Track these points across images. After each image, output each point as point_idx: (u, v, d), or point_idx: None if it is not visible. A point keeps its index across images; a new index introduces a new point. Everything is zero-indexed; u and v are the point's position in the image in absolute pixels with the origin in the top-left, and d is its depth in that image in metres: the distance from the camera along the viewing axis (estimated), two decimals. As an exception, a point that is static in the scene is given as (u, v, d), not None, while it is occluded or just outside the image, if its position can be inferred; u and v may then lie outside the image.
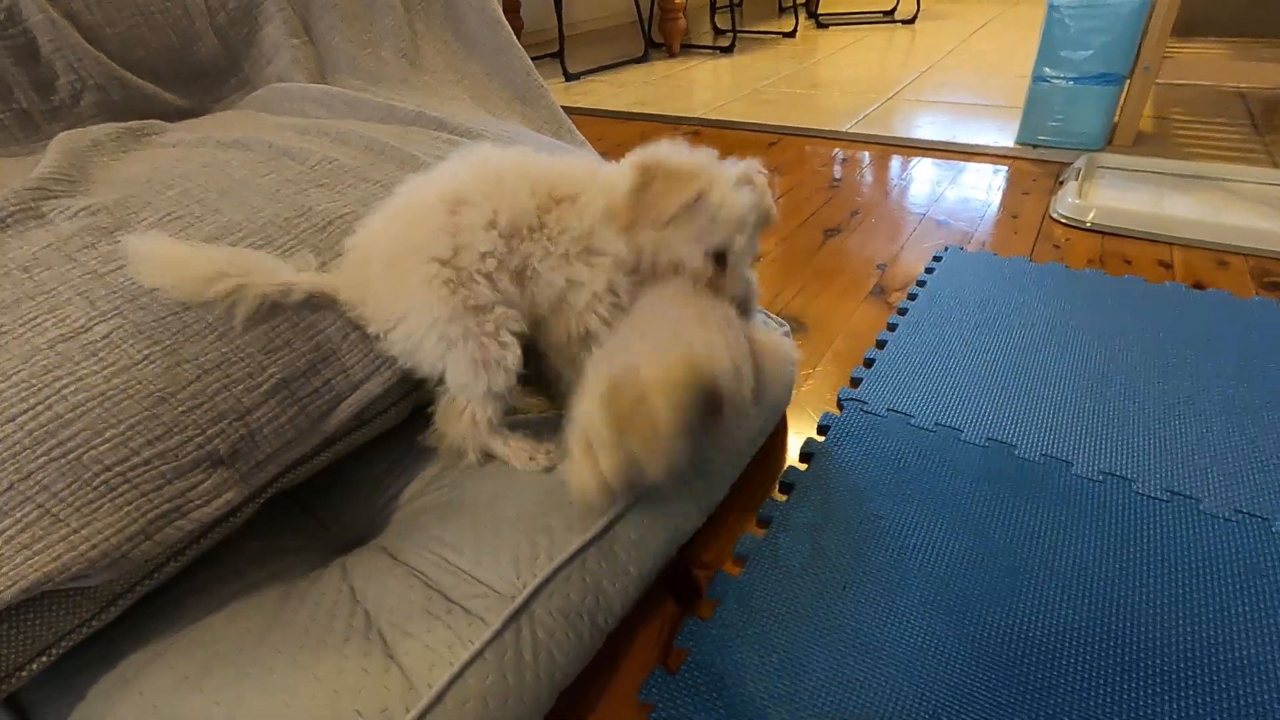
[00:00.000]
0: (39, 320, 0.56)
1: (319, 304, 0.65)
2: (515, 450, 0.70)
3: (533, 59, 3.66)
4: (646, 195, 0.66)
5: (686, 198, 0.66)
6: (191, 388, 0.57)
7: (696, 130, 2.38)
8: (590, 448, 0.61)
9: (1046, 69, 1.79)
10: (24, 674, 0.49)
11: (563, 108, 2.62)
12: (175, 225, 0.68)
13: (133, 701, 0.50)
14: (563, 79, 3.12)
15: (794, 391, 0.98)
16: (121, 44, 0.92)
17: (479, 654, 0.54)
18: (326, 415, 0.65)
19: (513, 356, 0.66)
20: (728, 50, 3.43)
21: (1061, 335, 1.10)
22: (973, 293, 1.23)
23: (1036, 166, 1.83)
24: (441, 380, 0.67)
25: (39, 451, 0.50)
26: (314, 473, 0.66)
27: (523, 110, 1.27)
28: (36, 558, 0.47)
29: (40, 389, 0.52)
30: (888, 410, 0.96)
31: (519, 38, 3.82)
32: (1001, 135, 2.01)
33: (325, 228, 0.73)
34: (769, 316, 0.97)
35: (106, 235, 0.65)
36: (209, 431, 0.57)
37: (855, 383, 1.04)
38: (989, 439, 0.91)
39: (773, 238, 1.53)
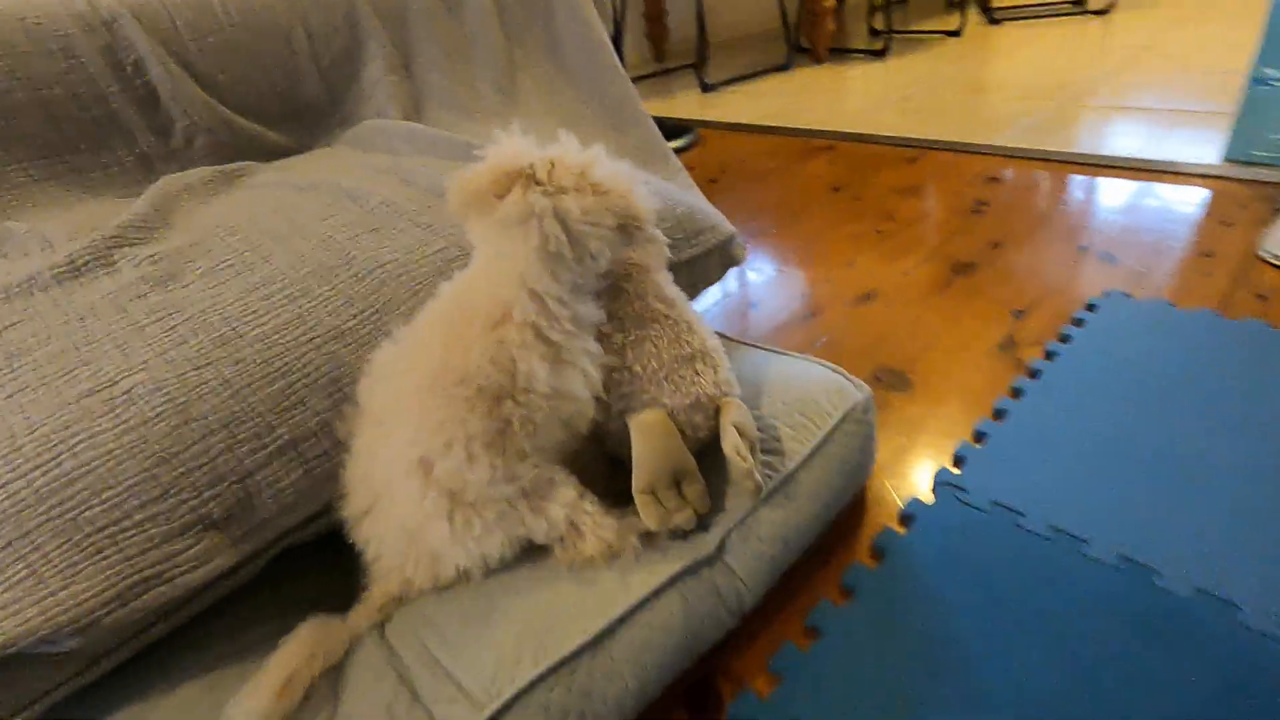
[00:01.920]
0: (76, 371, 0.59)
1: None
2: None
3: (675, 69, 3.64)
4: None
5: None
6: (195, 448, 0.57)
7: (830, 144, 2.21)
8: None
9: (1269, 69, 1.45)
10: (12, 723, 0.51)
11: (696, 121, 2.53)
12: (226, 273, 0.70)
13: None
14: (699, 90, 3.05)
15: (872, 465, 0.84)
16: (232, 89, 0.98)
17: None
18: (334, 476, 0.63)
19: None
20: (880, 54, 3.19)
21: (1253, 425, 0.86)
22: (1132, 353, 1.01)
23: (1247, 190, 1.49)
24: None
25: (40, 510, 0.52)
26: (325, 532, 0.65)
27: (615, 139, 1.22)
28: (7, 620, 0.49)
29: (56, 444, 0.54)
30: (992, 504, 0.80)
31: (664, 46, 3.84)
32: (1203, 149, 1.66)
33: (364, 278, 0.72)
34: (845, 377, 0.84)
35: (159, 285, 0.68)
36: (205, 494, 0.57)
37: (959, 461, 0.88)
38: (1124, 558, 0.72)
39: (887, 272, 1.36)
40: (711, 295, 1.38)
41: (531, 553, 0.64)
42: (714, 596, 0.65)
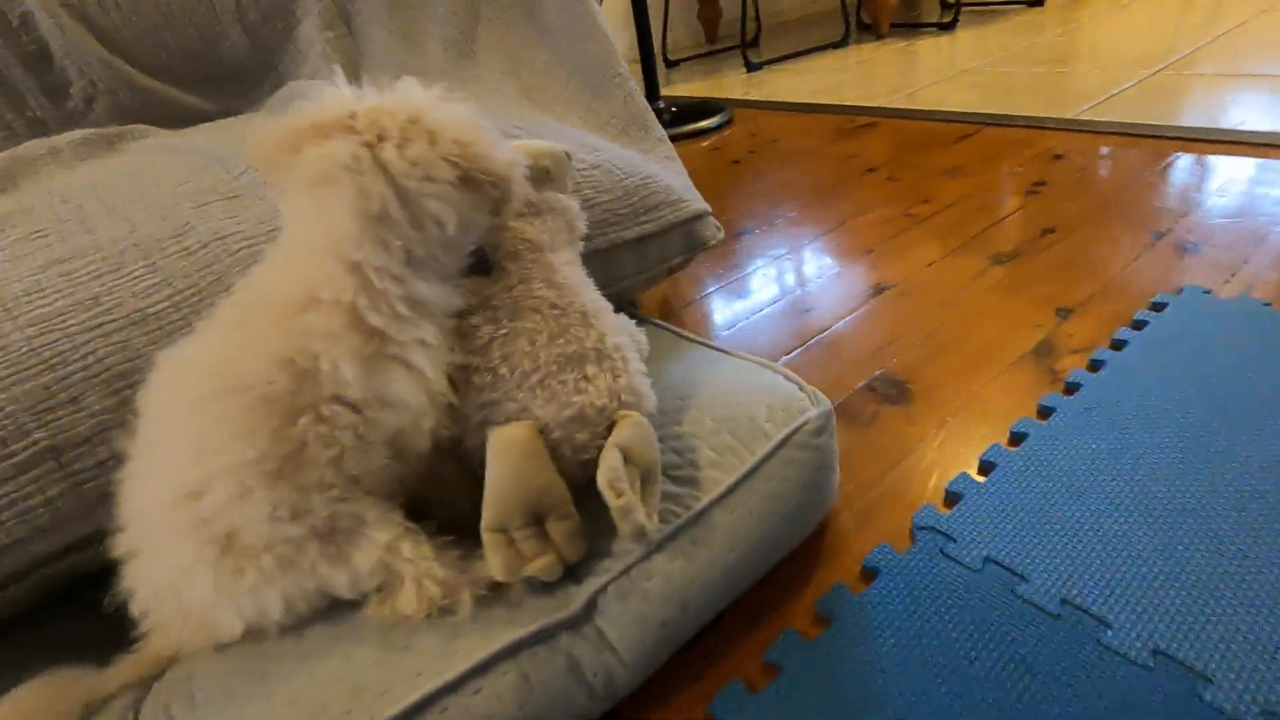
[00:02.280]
0: None
1: None
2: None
3: (725, 49, 3.45)
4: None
5: None
6: (-88, 453, 0.46)
7: (873, 121, 1.99)
8: None
9: None
10: None
11: (735, 101, 2.34)
12: (35, 244, 0.59)
13: None
14: (744, 71, 2.85)
15: (828, 502, 0.66)
16: (140, 47, 0.89)
17: None
18: (110, 496, 0.51)
19: None
20: (948, 27, 2.89)
21: (1369, 464, 0.63)
22: (1206, 368, 0.78)
23: (1385, 165, 1.20)
24: None
25: None
26: (99, 567, 0.53)
27: (589, 103, 1.06)
28: None
29: None
30: (986, 561, 0.61)
31: (717, 29, 3.64)
32: (1329, 118, 1.36)
33: (195, 252, 0.60)
34: (800, 387, 0.66)
35: (-57, 259, 0.58)
36: (-82, 511, 0.46)
37: (951, 499, 0.68)
38: (1160, 652, 0.52)
39: (910, 262, 1.15)
40: (704, 284, 1.21)
41: (339, 602, 0.50)
42: (570, 674, 0.49)
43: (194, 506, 0.44)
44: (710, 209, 0.93)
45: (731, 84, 2.73)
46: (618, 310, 0.62)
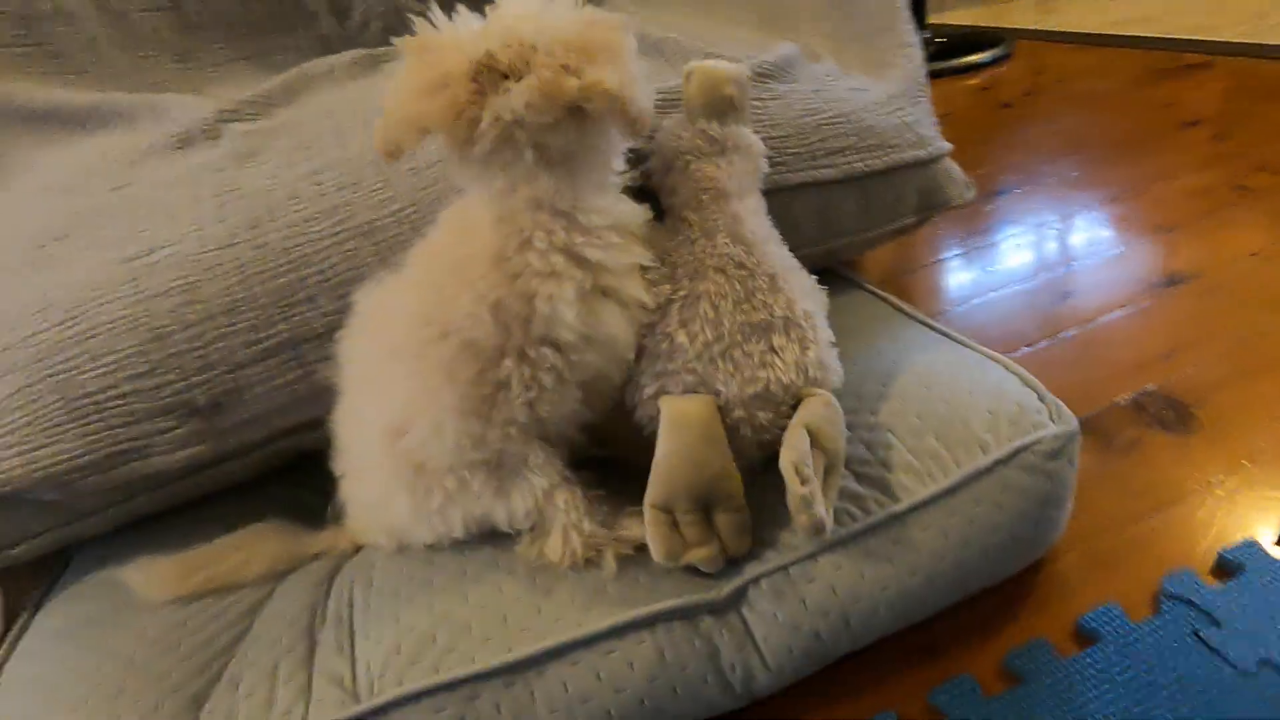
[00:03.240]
0: (130, 237, 0.60)
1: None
2: None
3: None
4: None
5: None
6: (191, 330, 0.55)
7: (1206, 61, 1.57)
8: None
9: None
10: (16, 552, 0.55)
11: (1021, 31, 2.01)
12: (299, 155, 0.66)
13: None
14: (1038, -9, 2.41)
15: (1049, 538, 0.54)
16: (410, -30, 0.95)
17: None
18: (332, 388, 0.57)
19: None
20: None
21: None
22: None
23: None
24: None
25: (50, 363, 0.53)
26: (315, 448, 0.59)
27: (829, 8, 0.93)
28: (10, 462, 0.51)
29: (83, 304, 0.55)
30: (1262, 664, 0.46)
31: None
32: None
33: (421, 171, 0.63)
34: (1039, 395, 0.54)
35: (238, 161, 0.66)
36: (192, 379, 0.55)
37: (1224, 571, 0.53)
38: None
39: (1223, 249, 0.90)
40: (941, 246, 1.06)
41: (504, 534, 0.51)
42: (708, 661, 0.46)
43: (397, 443, 0.47)
44: (947, 150, 0.78)
45: (1020, 9, 2.33)
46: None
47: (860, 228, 0.74)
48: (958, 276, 0.99)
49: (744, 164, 0.56)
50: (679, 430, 0.47)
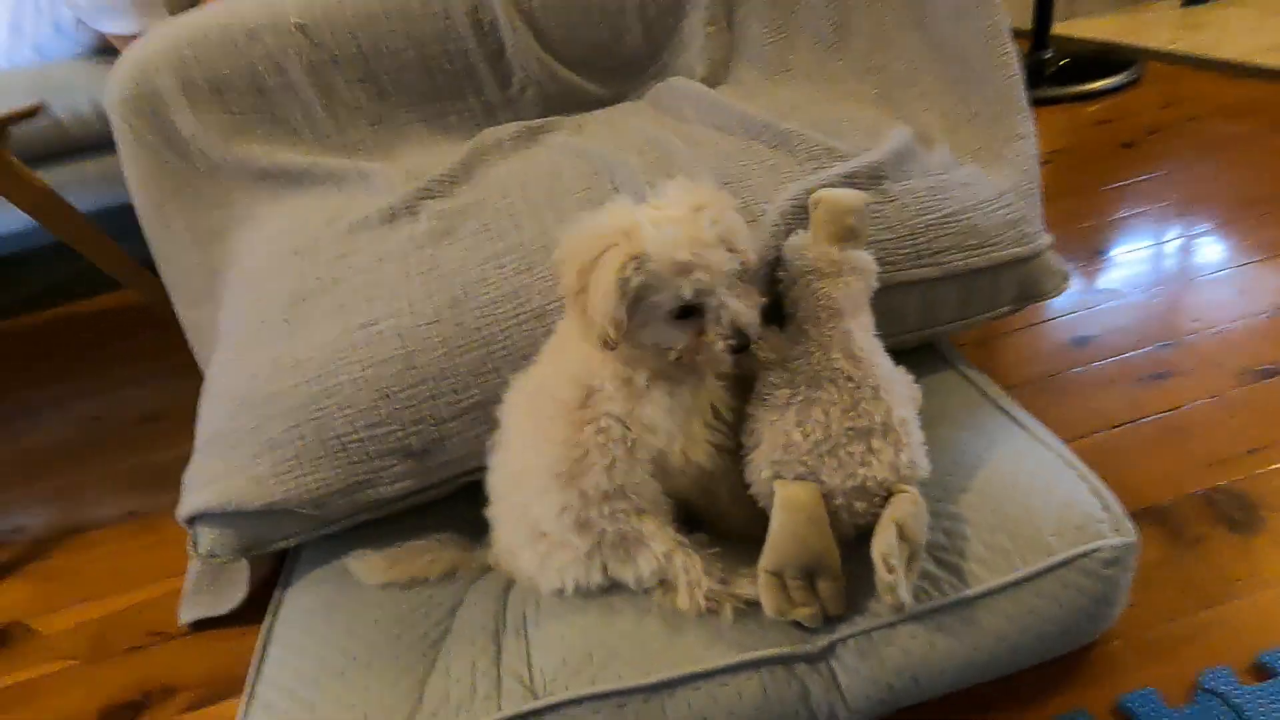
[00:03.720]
0: (360, 306, 0.76)
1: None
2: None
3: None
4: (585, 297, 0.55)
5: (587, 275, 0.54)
6: (409, 391, 0.71)
7: (1362, 107, 1.49)
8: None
9: None
10: (271, 546, 0.74)
11: (1153, 53, 1.94)
12: (483, 236, 0.81)
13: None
14: (1178, 1, 2.28)
15: (1099, 630, 0.63)
16: (563, 42, 1.07)
17: None
18: (507, 441, 0.72)
19: None
20: None
21: None
22: None
23: None
24: None
25: (312, 409, 0.71)
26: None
27: (954, 102, 0.99)
28: (280, 486, 0.69)
29: (332, 361, 0.72)
30: (1282, 762, 0.55)
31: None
32: None
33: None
34: (1105, 506, 0.62)
35: (435, 240, 0.82)
36: (409, 429, 0.71)
37: (1262, 673, 0.60)
38: None
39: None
40: (1039, 309, 1.10)
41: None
42: (800, 700, 0.59)
43: (514, 496, 0.62)
44: (1046, 246, 0.84)
45: (1156, 23, 2.20)
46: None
47: (959, 316, 0.83)
48: (1050, 343, 1.04)
49: (859, 283, 0.66)
50: (790, 511, 0.59)
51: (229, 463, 0.72)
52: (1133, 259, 1.17)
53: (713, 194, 0.58)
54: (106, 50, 1.71)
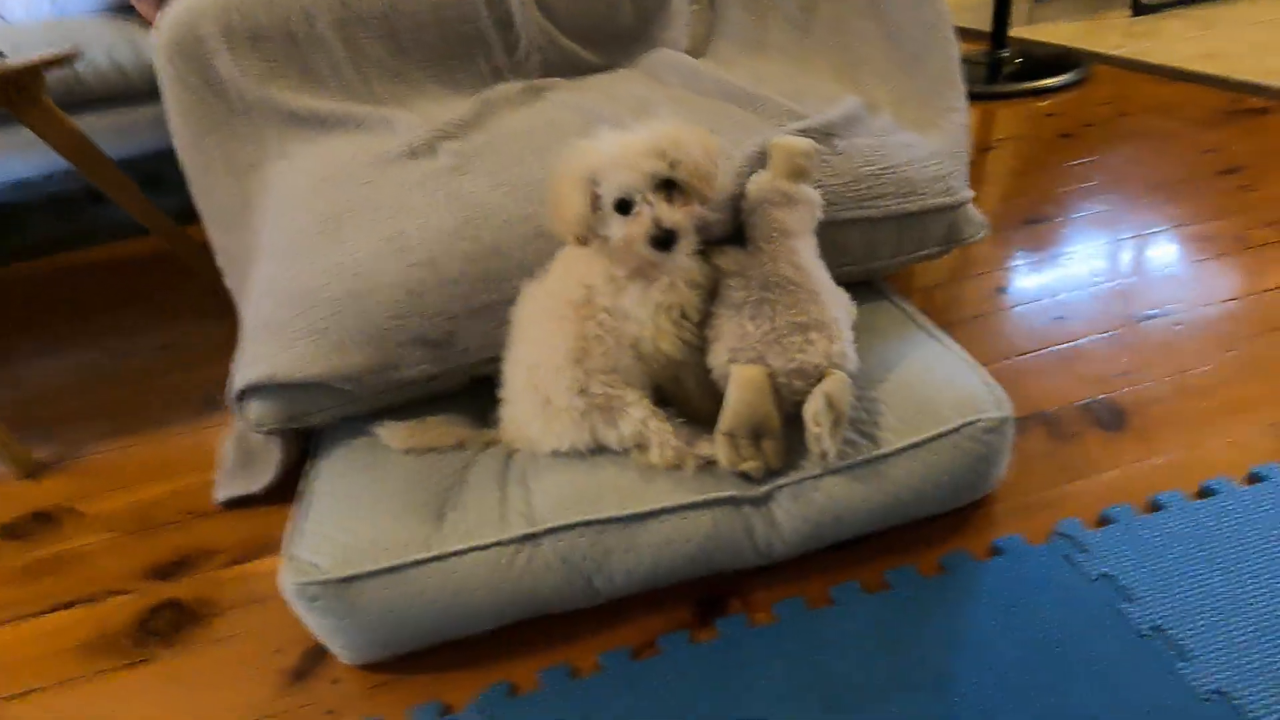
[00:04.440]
0: (389, 222, 0.90)
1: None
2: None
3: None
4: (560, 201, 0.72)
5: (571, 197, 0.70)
6: (431, 292, 0.85)
7: (1265, 107, 1.69)
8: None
9: None
10: (310, 419, 0.88)
11: (1100, 56, 2.16)
12: (496, 171, 0.95)
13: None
14: (1129, 12, 2.48)
15: (986, 487, 0.80)
16: (565, 14, 1.22)
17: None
18: (512, 336, 0.87)
19: None
20: None
21: None
22: None
23: None
24: None
25: (349, 301, 0.84)
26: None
27: (900, 80, 1.15)
28: (320, 363, 0.83)
29: (367, 263, 0.86)
30: (1101, 576, 0.71)
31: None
32: None
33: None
34: (991, 389, 0.78)
35: (454, 173, 0.95)
36: (429, 321, 0.85)
37: (1103, 521, 0.77)
38: (1219, 692, 0.60)
39: (1216, 290, 1.09)
40: (967, 267, 1.28)
41: (619, 439, 0.80)
42: (744, 533, 0.75)
43: (533, 376, 0.77)
44: (968, 199, 1.00)
45: (1108, 30, 2.40)
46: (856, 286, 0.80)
47: (894, 254, 0.98)
48: (974, 293, 1.21)
49: (805, 212, 0.81)
50: (743, 386, 0.74)
51: (275, 345, 0.85)
52: (1055, 227, 1.35)
53: (685, 128, 0.73)
54: (124, 7, 1.80)
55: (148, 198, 1.53)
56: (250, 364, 0.85)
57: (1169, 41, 2.18)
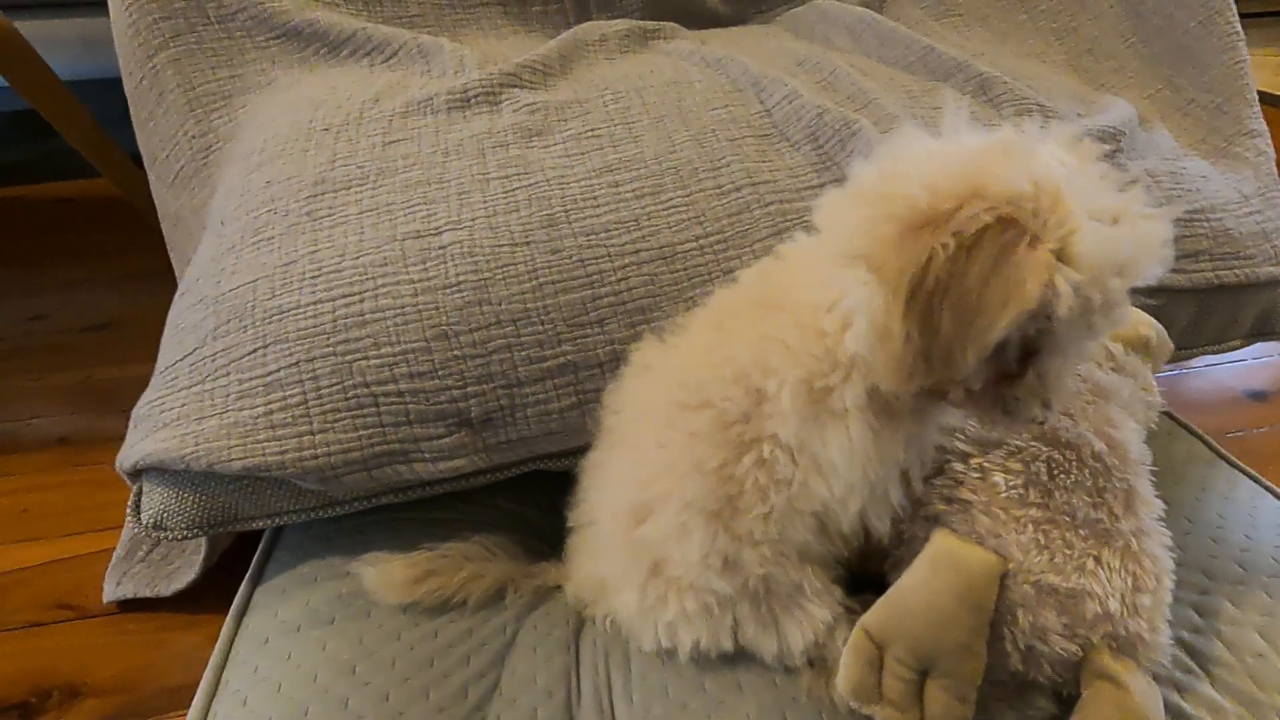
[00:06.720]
0: (416, 209, 0.55)
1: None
2: None
3: None
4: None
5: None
6: (476, 334, 0.50)
7: None
8: None
9: None
10: (247, 525, 0.52)
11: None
12: (590, 143, 0.61)
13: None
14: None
15: None
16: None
17: None
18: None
19: None
20: None
21: None
22: None
23: None
24: None
25: (330, 341, 0.49)
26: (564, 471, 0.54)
27: (1168, 76, 0.81)
28: (271, 444, 0.47)
29: (366, 279, 0.51)
30: None
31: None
32: None
33: (727, 193, 0.57)
34: None
35: (524, 138, 0.61)
36: (469, 388, 0.50)
37: None
38: None
39: None
40: None
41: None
42: None
43: (637, 526, 0.42)
44: None
45: (1262, 68, 2.06)
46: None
47: (1183, 344, 0.64)
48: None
49: (1132, 395, 0.48)
50: (941, 572, 0.40)
51: (203, 399, 0.49)
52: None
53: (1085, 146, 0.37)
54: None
55: (105, 131, 1.17)
56: (155, 427, 0.50)
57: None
